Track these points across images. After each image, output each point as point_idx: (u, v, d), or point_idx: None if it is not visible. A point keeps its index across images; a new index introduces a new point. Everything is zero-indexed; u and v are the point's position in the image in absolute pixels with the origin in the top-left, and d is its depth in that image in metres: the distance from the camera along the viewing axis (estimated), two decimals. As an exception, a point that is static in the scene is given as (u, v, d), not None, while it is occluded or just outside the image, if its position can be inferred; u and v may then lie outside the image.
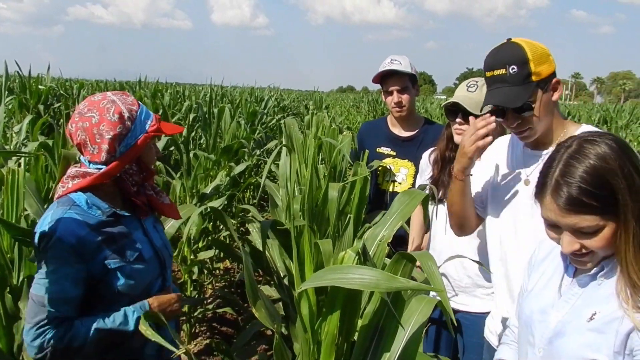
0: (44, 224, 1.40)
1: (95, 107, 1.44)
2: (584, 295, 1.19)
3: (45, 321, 1.36)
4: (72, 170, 1.49)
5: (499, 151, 1.84)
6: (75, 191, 1.45)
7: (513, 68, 1.56)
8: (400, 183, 2.75)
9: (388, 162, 2.77)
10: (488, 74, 1.63)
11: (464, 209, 1.83)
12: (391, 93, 2.69)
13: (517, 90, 1.56)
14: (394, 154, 2.78)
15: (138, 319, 1.44)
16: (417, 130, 2.77)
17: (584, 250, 1.12)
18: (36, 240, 1.40)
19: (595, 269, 1.17)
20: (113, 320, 1.42)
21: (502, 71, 1.58)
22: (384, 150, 2.81)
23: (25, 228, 1.81)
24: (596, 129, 1.67)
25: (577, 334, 1.14)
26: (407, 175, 2.74)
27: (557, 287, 1.26)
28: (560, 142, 1.17)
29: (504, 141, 1.86)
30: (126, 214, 1.52)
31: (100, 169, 1.45)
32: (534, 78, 1.56)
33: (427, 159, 2.40)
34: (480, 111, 1.78)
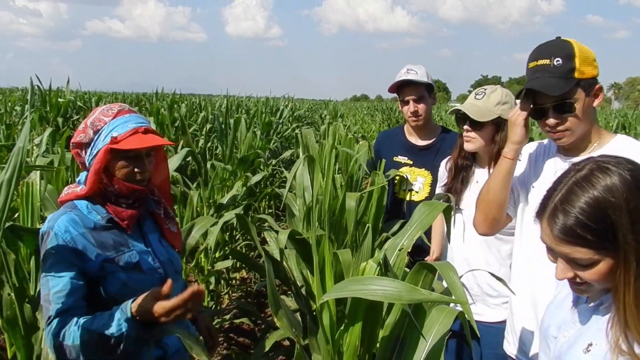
0: (45, 223, 1.46)
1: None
2: (588, 323, 1.12)
3: (53, 316, 1.38)
4: (71, 184, 1.57)
5: (534, 157, 1.80)
6: (67, 200, 1.51)
7: (557, 60, 1.53)
8: (417, 192, 2.74)
9: (405, 170, 2.76)
10: (531, 64, 1.60)
11: (501, 197, 1.75)
12: (407, 102, 2.69)
13: (558, 81, 1.53)
14: (411, 162, 2.77)
15: (119, 324, 1.34)
16: (434, 139, 2.76)
17: (578, 280, 1.06)
18: (39, 239, 1.45)
19: (601, 298, 1.10)
20: (100, 321, 1.36)
21: (546, 61, 1.55)
22: (401, 159, 2.80)
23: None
24: (631, 140, 1.62)
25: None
26: (424, 184, 2.72)
27: (570, 306, 1.22)
28: (575, 162, 1.09)
29: (538, 147, 1.82)
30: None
31: (82, 186, 1.51)
32: (576, 74, 1.52)
33: (444, 167, 2.39)
34: (517, 98, 1.71)
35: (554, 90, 1.52)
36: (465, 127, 2.11)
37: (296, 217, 3.04)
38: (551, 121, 1.58)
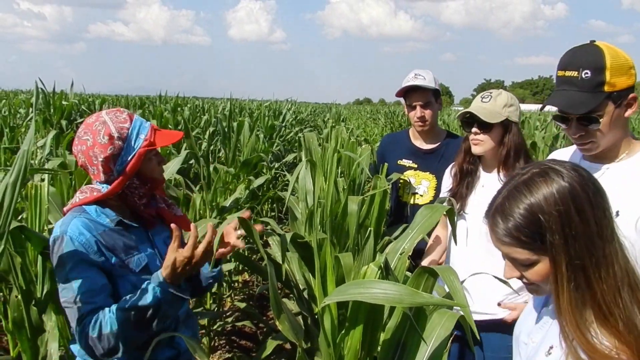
0: (56, 229, 1.46)
1: (90, 130, 1.48)
2: (552, 326, 1.14)
3: (85, 314, 1.39)
4: (83, 187, 1.55)
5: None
6: (82, 204, 1.51)
7: (586, 73, 1.43)
8: (421, 195, 2.75)
9: (409, 174, 2.77)
10: (559, 72, 1.51)
11: None
12: (414, 107, 2.70)
13: (585, 96, 1.44)
14: (415, 166, 2.78)
15: (155, 293, 1.40)
16: (438, 143, 2.77)
17: (524, 280, 1.09)
18: (50, 245, 1.45)
19: None
20: (133, 297, 1.42)
21: (574, 73, 1.46)
22: (405, 162, 2.81)
23: (48, 238, 1.86)
24: None
25: None
26: (428, 187, 2.73)
27: (538, 312, 1.24)
28: (523, 166, 1.12)
29: (564, 154, 1.75)
30: (134, 224, 1.56)
31: (104, 187, 1.50)
32: (606, 88, 1.43)
33: (449, 173, 2.40)
34: (541, 110, 1.68)
35: (580, 108, 1.44)
36: (474, 129, 2.11)
37: (298, 221, 3.05)
38: (574, 132, 1.52)
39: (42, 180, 2.41)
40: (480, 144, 2.10)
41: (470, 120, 2.12)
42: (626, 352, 0.96)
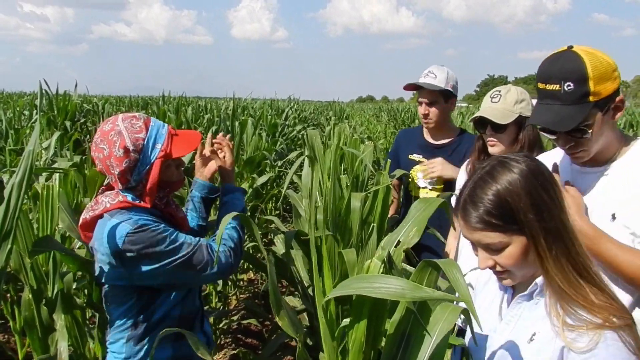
0: (118, 229, 1.46)
1: (106, 139, 1.50)
2: (523, 316, 1.19)
3: (207, 247, 1.55)
4: (107, 192, 1.57)
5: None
6: (113, 210, 1.52)
7: (569, 85, 1.37)
8: (430, 190, 2.77)
9: (418, 169, 2.79)
10: (540, 85, 1.45)
11: None
12: (421, 104, 2.73)
13: (571, 110, 1.38)
14: (425, 161, 2.80)
15: (234, 197, 1.79)
16: (451, 139, 2.79)
17: (498, 268, 1.15)
18: (121, 246, 1.44)
19: (530, 287, 1.18)
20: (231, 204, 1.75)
21: (556, 87, 1.39)
22: (416, 157, 2.84)
23: (82, 257, 1.87)
24: None
25: (519, 356, 1.14)
26: (436, 182, 2.75)
27: (497, 311, 1.27)
28: (479, 163, 1.20)
29: (553, 155, 1.70)
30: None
31: (129, 195, 1.54)
32: (591, 98, 1.37)
33: (464, 170, 2.40)
34: (530, 125, 1.59)
35: (568, 124, 1.38)
36: (489, 132, 2.10)
37: (302, 218, 3.06)
38: (563, 143, 1.48)
39: (51, 180, 2.44)
40: (497, 144, 2.09)
41: (482, 122, 2.11)
42: (615, 303, 1.06)
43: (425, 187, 2.77)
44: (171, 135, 1.57)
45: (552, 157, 1.70)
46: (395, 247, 1.49)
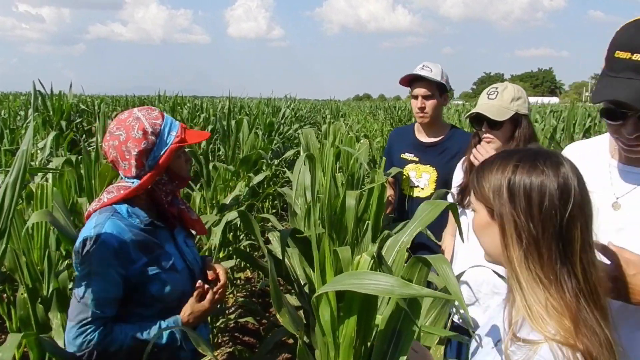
0: (88, 229, 1.47)
1: (123, 126, 1.51)
2: (499, 319, 1.10)
3: (89, 320, 1.43)
4: (109, 187, 1.58)
5: (586, 158, 1.38)
6: (111, 204, 1.53)
7: None
8: (422, 188, 2.77)
9: (411, 167, 2.80)
10: (621, 54, 1.15)
11: None
12: (417, 97, 2.72)
13: None
14: (417, 159, 2.80)
15: (170, 333, 1.52)
16: (441, 137, 2.79)
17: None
18: (79, 244, 1.46)
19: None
20: (148, 333, 1.49)
21: None
22: (408, 156, 2.84)
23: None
24: None
25: (488, 357, 1.09)
26: (429, 180, 2.75)
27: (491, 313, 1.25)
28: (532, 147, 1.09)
29: (591, 146, 1.48)
30: (162, 225, 1.60)
31: (134, 182, 1.52)
32: None
33: (460, 168, 2.39)
34: (595, 103, 1.31)
35: None
36: (485, 129, 2.10)
37: (298, 216, 3.07)
38: (630, 131, 1.19)
39: (46, 180, 2.44)
40: (493, 141, 2.10)
41: (479, 119, 2.11)
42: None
43: (418, 186, 2.78)
44: (183, 127, 1.60)
45: (582, 147, 1.51)
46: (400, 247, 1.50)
